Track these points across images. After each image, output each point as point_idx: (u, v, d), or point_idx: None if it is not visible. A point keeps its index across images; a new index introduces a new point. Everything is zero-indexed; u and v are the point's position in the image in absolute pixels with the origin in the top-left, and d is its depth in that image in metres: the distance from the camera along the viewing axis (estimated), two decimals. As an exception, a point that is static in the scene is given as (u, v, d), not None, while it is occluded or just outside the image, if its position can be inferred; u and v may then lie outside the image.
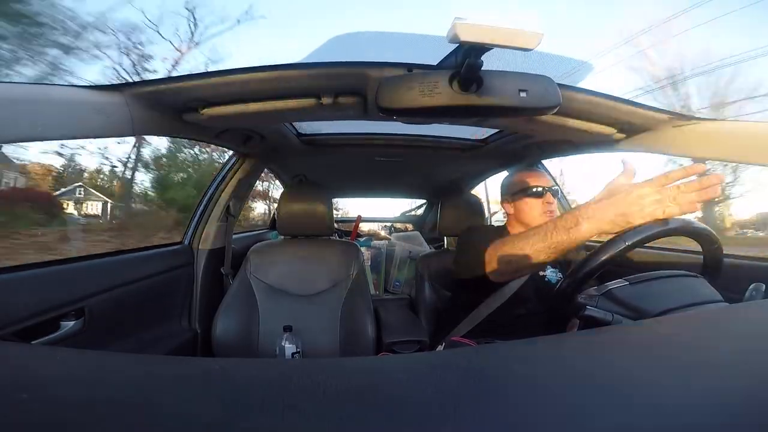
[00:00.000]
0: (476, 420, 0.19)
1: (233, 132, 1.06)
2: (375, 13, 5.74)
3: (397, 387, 0.24)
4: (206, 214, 1.31)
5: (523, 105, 0.64)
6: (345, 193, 2.74)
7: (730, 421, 0.19)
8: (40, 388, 0.22)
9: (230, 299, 1.16)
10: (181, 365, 0.27)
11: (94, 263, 0.87)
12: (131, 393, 0.23)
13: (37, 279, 0.72)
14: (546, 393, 0.22)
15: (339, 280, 1.23)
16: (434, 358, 0.35)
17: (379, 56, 0.74)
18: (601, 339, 0.32)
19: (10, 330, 0.64)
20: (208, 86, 0.73)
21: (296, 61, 0.74)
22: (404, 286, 2.01)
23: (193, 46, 8.74)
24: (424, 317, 1.33)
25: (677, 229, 0.59)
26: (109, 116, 0.66)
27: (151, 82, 0.70)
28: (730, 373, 0.24)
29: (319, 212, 1.27)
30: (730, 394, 0.21)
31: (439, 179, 1.98)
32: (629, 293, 0.55)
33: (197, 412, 0.20)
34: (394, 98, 0.62)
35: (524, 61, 0.76)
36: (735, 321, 0.37)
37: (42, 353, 0.31)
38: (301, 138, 1.39)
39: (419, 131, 1.41)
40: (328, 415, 0.20)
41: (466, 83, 0.61)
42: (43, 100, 0.56)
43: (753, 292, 0.56)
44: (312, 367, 0.29)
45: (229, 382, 0.26)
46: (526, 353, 0.30)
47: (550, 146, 1.27)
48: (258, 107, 0.80)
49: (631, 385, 0.22)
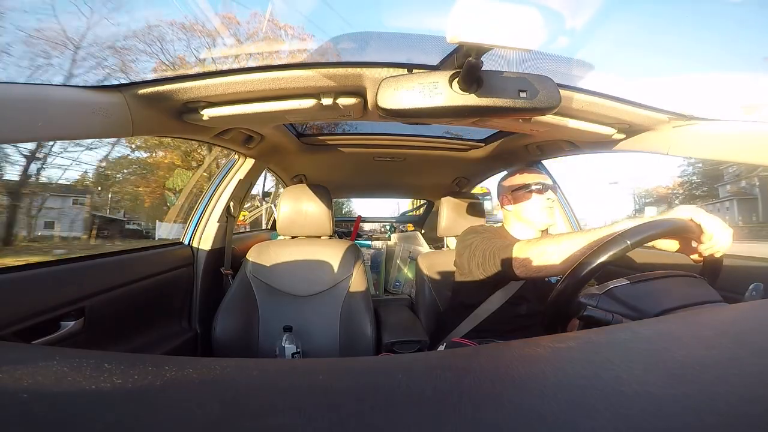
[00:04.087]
0: (476, 420, 0.19)
1: (233, 132, 1.06)
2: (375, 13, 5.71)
3: (397, 387, 0.24)
4: (206, 214, 1.31)
5: (523, 105, 0.64)
6: (345, 193, 2.74)
7: (729, 422, 0.19)
8: (40, 388, 0.22)
9: (230, 299, 1.16)
10: (181, 365, 0.27)
11: (94, 263, 0.87)
12: (131, 393, 0.23)
13: (37, 279, 0.72)
14: (546, 393, 0.22)
15: (339, 280, 1.23)
16: (434, 358, 0.35)
17: (379, 56, 0.74)
18: (601, 339, 0.32)
19: (10, 330, 0.64)
20: (208, 86, 0.73)
21: (296, 62, 0.74)
22: (404, 286, 2.01)
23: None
24: (424, 317, 1.33)
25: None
26: (109, 116, 0.66)
27: (151, 82, 0.70)
28: (730, 373, 0.24)
29: (319, 212, 1.27)
30: (730, 394, 0.21)
31: (439, 179, 1.98)
32: (630, 292, 0.55)
33: (197, 412, 0.20)
34: (394, 98, 0.62)
35: (524, 61, 0.76)
36: (735, 321, 0.37)
37: (42, 353, 0.31)
38: (301, 138, 1.40)
39: (419, 131, 1.41)
40: (328, 415, 0.20)
41: (466, 83, 0.61)
42: (43, 100, 0.56)
43: (753, 292, 0.56)
44: (312, 367, 0.29)
45: (229, 382, 0.26)
46: (526, 353, 0.30)
47: (550, 146, 1.27)
48: (258, 107, 0.80)
49: (630, 385, 0.22)
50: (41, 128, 0.56)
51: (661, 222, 0.58)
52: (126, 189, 12.00)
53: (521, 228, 1.06)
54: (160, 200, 11.11)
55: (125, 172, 11.84)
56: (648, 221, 0.58)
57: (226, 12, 9.39)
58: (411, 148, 1.48)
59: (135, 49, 8.70)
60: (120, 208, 12.54)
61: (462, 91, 0.62)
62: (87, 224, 11.23)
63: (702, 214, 0.60)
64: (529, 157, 1.40)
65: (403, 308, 1.57)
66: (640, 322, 0.43)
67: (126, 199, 11.90)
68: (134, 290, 0.96)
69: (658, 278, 0.58)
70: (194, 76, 0.71)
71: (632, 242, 0.54)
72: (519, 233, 1.06)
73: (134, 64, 8.25)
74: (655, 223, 0.57)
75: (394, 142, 1.43)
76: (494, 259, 0.86)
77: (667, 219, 0.60)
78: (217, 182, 1.35)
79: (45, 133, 0.58)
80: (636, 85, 2.16)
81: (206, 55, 8.21)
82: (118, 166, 11.81)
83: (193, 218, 1.32)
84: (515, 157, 1.46)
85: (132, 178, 11.62)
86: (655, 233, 0.56)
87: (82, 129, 0.63)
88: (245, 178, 1.36)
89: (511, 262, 0.80)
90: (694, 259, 0.65)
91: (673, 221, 0.59)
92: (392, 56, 0.73)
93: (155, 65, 8.33)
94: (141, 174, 11.46)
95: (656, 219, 0.60)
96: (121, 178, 11.99)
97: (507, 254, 0.81)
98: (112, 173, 12.20)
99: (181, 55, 8.94)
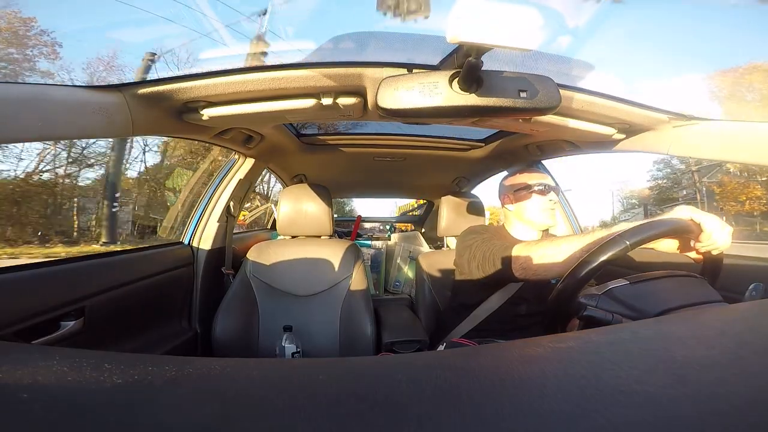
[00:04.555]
0: (476, 420, 0.19)
1: (233, 132, 1.06)
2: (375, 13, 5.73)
3: (397, 387, 0.24)
4: (206, 214, 1.31)
5: (523, 105, 0.64)
6: (345, 193, 2.74)
7: (729, 421, 0.19)
8: (40, 388, 0.22)
9: (230, 299, 1.16)
10: (181, 365, 0.27)
11: (94, 263, 0.87)
12: (131, 393, 0.23)
13: (37, 279, 0.72)
14: (546, 393, 0.22)
15: (339, 280, 1.23)
16: (434, 358, 0.35)
17: (379, 56, 0.74)
18: (601, 339, 0.32)
19: (10, 330, 0.64)
20: (208, 86, 0.73)
21: (296, 61, 0.74)
22: (404, 286, 2.01)
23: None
24: (424, 317, 1.33)
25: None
26: (109, 116, 0.66)
27: (151, 82, 0.70)
28: (730, 372, 0.24)
29: (319, 212, 1.27)
30: (730, 394, 0.21)
31: (439, 179, 1.98)
32: (630, 292, 0.55)
33: (197, 412, 0.20)
34: (394, 98, 0.62)
35: (524, 61, 0.76)
36: (735, 321, 0.37)
37: (42, 353, 0.31)
38: (301, 138, 1.40)
39: (419, 131, 1.41)
40: (327, 415, 0.20)
41: (466, 83, 0.61)
42: (43, 100, 0.56)
43: (753, 292, 0.56)
44: (312, 367, 0.29)
45: (229, 382, 0.26)
46: (526, 353, 0.30)
47: (550, 146, 1.27)
48: (258, 107, 0.80)
49: (630, 385, 0.22)
50: (41, 128, 0.56)
51: (660, 222, 0.58)
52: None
53: (522, 228, 1.06)
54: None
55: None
56: (648, 221, 0.58)
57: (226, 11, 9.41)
58: (411, 148, 1.48)
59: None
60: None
61: (462, 91, 0.62)
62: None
63: (700, 213, 0.60)
64: (529, 157, 1.40)
65: (403, 308, 1.57)
66: (640, 322, 0.43)
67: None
68: (134, 290, 0.96)
69: (658, 278, 0.58)
70: (194, 76, 0.71)
71: (631, 242, 0.54)
72: (519, 233, 1.06)
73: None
74: (654, 224, 0.57)
75: (394, 141, 1.43)
76: (493, 261, 0.86)
77: (666, 219, 0.60)
78: (217, 182, 1.35)
79: (45, 133, 0.58)
80: (636, 86, 2.14)
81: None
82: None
83: (193, 218, 1.32)
84: (515, 157, 1.46)
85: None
86: (655, 233, 0.56)
87: (82, 129, 0.63)
88: (245, 178, 1.36)
89: (510, 263, 0.80)
90: (695, 258, 0.65)
91: (673, 221, 0.59)
92: (392, 56, 0.73)
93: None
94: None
95: (656, 219, 0.60)
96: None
97: (506, 256, 0.82)
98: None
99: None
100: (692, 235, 0.61)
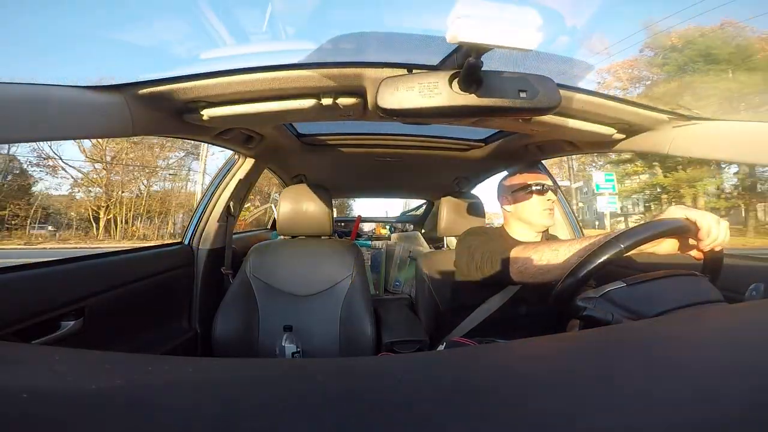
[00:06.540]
0: (476, 420, 0.19)
1: (233, 132, 1.06)
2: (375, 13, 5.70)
3: (397, 387, 0.24)
4: (206, 214, 1.31)
5: (523, 105, 0.64)
6: (345, 193, 2.74)
7: (729, 421, 0.19)
8: (40, 388, 0.22)
9: (230, 299, 1.16)
10: (181, 365, 0.27)
11: (94, 263, 0.87)
12: (131, 393, 0.23)
13: (37, 279, 0.72)
14: (546, 393, 0.22)
15: (339, 280, 1.23)
16: (434, 358, 0.35)
17: (379, 56, 0.74)
18: (601, 339, 0.32)
19: (10, 330, 0.64)
20: (208, 86, 0.73)
21: (296, 62, 0.74)
22: (404, 286, 2.01)
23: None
24: (424, 317, 1.33)
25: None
26: (109, 116, 0.66)
27: (151, 82, 0.70)
28: (730, 372, 0.24)
29: (319, 212, 1.27)
30: (730, 394, 0.21)
31: (439, 179, 1.98)
32: (627, 295, 0.55)
33: (197, 412, 0.20)
34: (394, 99, 0.62)
35: (524, 61, 0.76)
36: (735, 321, 0.37)
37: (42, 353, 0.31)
38: (301, 138, 1.39)
39: (419, 131, 1.41)
40: (327, 415, 0.20)
41: (466, 83, 0.61)
42: (43, 100, 0.56)
43: (753, 292, 0.55)
44: (312, 367, 0.29)
45: (229, 382, 0.26)
46: (526, 353, 0.30)
47: (550, 146, 1.27)
48: (258, 107, 0.80)
49: (630, 384, 0.22)
50: (41, 128, 0.56)
51: (657, 223, 0.58)
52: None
53: (521, 228, 1.06)
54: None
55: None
56: (644, 224, 0.58)
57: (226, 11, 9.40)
58: (411, 148, 1.48)
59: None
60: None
61: (462, 91, 0.62)
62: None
63: (694, 211, 0.60)
64: (529, 157, 1.40)
65: (403, 308, 1.57)
66: (640, 322, 0.43)
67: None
68: (134, 290, 0.96)
69: (657, 279, 0.58)
70: (194, 76, 0.71)
71: (626, 245, 0.54)
72: (519, 234, 1.05)
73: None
74: (651, 225, 0.57)
75: (394, 142, 1.43)
76: (492, 263, 0.87)
77: (662, 220, 0.60)
78: (217, 182, 1.35)
79: (45, 133, 0.58)
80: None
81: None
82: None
83: (193, 218, 1.32)
84: (515, 157, 1.46)
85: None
86: (650, 234, 0.56)
87: (82, 129, 0.63)
88: (245, 178, 1.36)
89: (508, 266, 0.81)
90: (695, 257, 0.65)
91: (669, 222, 0.59)
92: (392, 56, 0.73)
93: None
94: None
95: (652, 221, 0.59)
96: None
97: (504, 258, 0.82)
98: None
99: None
100: (690, 234, 0.61)
